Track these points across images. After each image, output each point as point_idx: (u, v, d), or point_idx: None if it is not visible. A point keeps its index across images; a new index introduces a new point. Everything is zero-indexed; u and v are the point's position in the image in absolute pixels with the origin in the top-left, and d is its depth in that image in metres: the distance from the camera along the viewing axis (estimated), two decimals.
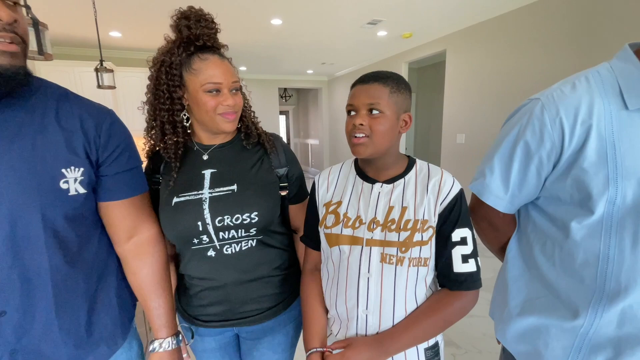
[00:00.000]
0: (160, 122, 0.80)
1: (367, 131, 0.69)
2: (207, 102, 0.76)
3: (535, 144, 0.62)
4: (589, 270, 0.60)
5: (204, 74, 0.76)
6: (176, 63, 0.76)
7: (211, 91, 0.76)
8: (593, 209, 0.58)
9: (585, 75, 0.61)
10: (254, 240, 0.83)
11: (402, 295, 0.71)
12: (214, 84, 0.76)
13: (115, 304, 0.74)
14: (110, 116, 0.70)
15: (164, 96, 0.77)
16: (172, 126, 0.80)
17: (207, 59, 0.77)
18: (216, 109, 0.77)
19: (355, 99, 0.71)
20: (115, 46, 4.23)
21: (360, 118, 0.69)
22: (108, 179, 0.69)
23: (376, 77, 0.71)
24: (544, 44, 2.83)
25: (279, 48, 4.53)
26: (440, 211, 0.71)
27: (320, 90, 7.28)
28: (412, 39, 4.20)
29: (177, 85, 0.77)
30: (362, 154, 0.71)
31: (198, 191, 0.81)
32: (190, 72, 0.76)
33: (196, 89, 0.76)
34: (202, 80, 0.76)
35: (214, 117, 0.78)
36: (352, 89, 0.73)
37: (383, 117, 0.69)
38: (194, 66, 0.76)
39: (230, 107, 0.79)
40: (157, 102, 0.79)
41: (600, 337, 0.61)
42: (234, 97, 0.80)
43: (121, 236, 0.73)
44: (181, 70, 0.77)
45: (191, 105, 0.80)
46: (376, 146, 0.70)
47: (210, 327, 0.87)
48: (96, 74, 2.55)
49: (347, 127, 0.73)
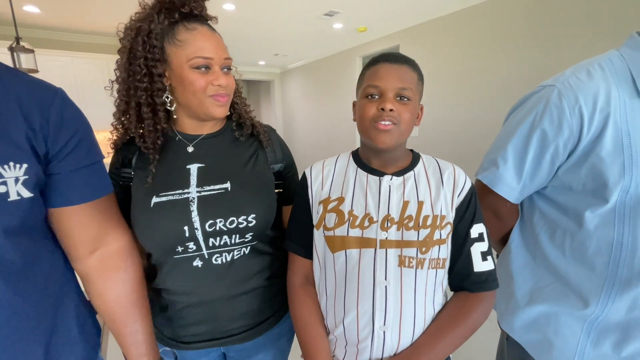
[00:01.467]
0: (136, 103, 0.66)
1: (396, 118, 0.62)
2: (195, 80, 0.63)
3: (553, 132, 0.61)
4: (601, 258, 0.61)
5: (191, 46, 0.63)
6: (156, 32, 0.61)
7: (200, 67, 0.64)
8: (608, 198, 0.58)
9: (598, 62, 0.61)
10: (247, 248, 0.73)
11: (422, 303, 0.64)
12: (204, 58, 0.63)
13: (76, 336, 0.59)
14: (60, 96, 0.53)
15: (141, 72, 0.63)
16: (151, 109, 0.66)
17: (195, 29, 0.64)
18: (206, 89, 0.65)
19: (382, 80, 0.62)
20: (33, 24, 3.60)
21: (390, 102, 0.61)
22: (62, 177, 0.53)
23: (405, 59, 0.63)
24: (495, 42, 3.01)
25: (230, 36, 4.26)
26: (457, 205, 0.66)
27: (273, 82, 7.06)
28: (367, 33, 4.24)
29: (157, 59, 0.63)
30: (388, 143, 0.63)
31: (183, 189, 0.67)
32: (174, 43, 0.63)
33: (181, 65, 0.63)
34: (190, 54, 0.63)
35: (203, 100, 0.65)
36: (374, 67, 0.64)
37: (411, 104, 0.63)
38: (178, 37, 0.63)
39: (222, 88, 0.66)
40: (131, 79, 0.64)
41: (609, 322, 0.62)
42: (226, 76, 0.68)
43: (81, 250, 0.58)
44: (162, 41, 0.63)
45: (174, 85, 0.66)
46: (401, 136, 0.64)
47: (193, 348, 0.75)
48: (11, 54, 2.13)
49: (366, 111, 0.63)
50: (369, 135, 0.64)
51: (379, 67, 0.64)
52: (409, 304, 0.63)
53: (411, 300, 0.63)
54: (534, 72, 2.73)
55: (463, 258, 0.66)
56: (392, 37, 4.13)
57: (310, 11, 3.39)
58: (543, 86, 0.65)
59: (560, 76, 0.63)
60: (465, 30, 3.27)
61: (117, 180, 0.71)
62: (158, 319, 0.76)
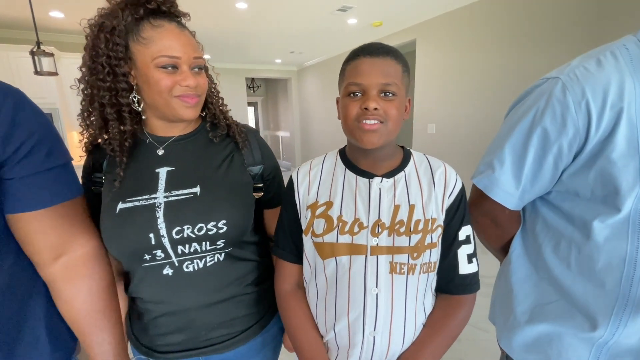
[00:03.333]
0: (100, 104, 0.64)
1: (381, 117, 0.57)
2: (160, 80, 0.60)
3: (556, 131, 0.54)
4: (612, 274, 0.53)
5: (156, 44, 0.60)
6: (120, 29, 0.59)
7: (166, 67, 0.61)
8: (620, 206, 0.50)
9: (610, 50, 0.53)
10: (221, 254, 0.69)
11: (413, 308, 0.62)
12: (170, 57, 0.60)
13: (44, 340, 0.58)
14: (13, 97, 0.51)
15: (104, 71, 0.61)
16: (115, 110, 0.64)
17: (161, 26, 0.61)
18: (172, 89, 0.62)
19: (364, 76, 0.57)
20: (57, 29, 3.76)
21: (373, 101, 0.56)
22: (15, 183, 0.52)
23: (387, 50, 0.58)
24: (522, 34, 2.81)
25: (245, 35, 4.27)
26: (448, 207, 0.62)
27: (290, 80, 7.05)
28: (382, 28, 4.13)
29: (121, 57, 0.60)
30: (374, 144, 0.58)
31: (150, 194, 0.65)
32: (139, 41, 0.60)
33: (146, 64, 0.60)
34: (154, 53, 0.60)
35: (169, 100, 0.62)
36: (354, 62, 0.59)
37: (397, 100, 0.58)
38: (143, 34, 0.60)
39: (191, 89, 0.63)
40: (94, 78, 0.62)
41: (621, 347, 0.55)
42: (195, 76, 0.64)
43: (44, 257, 0.57)
44: (127, 38, 0.60)
45: (140, 84, 0.63)
46: (389, 134, 0.59)
47: (171, 358, 0.72)
48: (32, 57, 2.22)
49: (349, 110, 0.59)
50: (354, 136, 0.60)
51: (359, 62, 0.58)
52: (400, 309, 0.62)
53: (402, 306, 0.62)
54: None
55: (449, 260, 0.64)
56: (409, 31, 4.00)
57: (324, 7, 3.32)
58: (546, 78, 0.57)
59: (565, 67, 0.56)
60: (488, 22, 3.07)
61: (89, 185, 0.69)
62: (135, 327, 0.75)
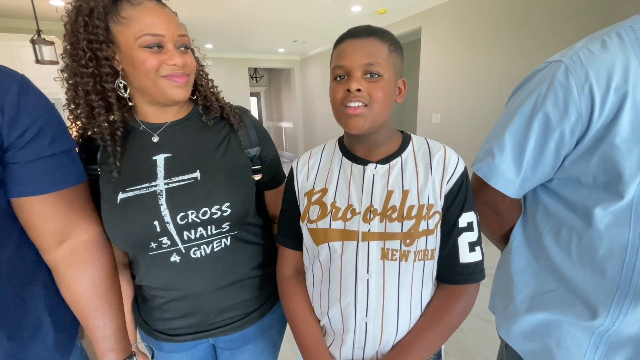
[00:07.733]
0: (85, 91, 0.62)
1: (365, 99, 0.56)
2: (146, 59, 0.58)
3: (558, 115, 0.52)
4: (614, 262, 0.52)
5: (137, 23, 0.58)
6: (98, 11, 0.57)
7: (151, 46, 0.59)
8: (623, 193, 0.49)
9: (616, 31, 0.50)
10: (227, 238, 0.70)
11: (407, 296, 0.61)
12: (154, 35, 0.58)
13: (47, 323, 0.59)
14: (18, 83, 0.51)
15: (85, 56, 0.59)
16: (101, 97, 0.62)
17: (141, 4, 0.59)
18: (159, 69, 0.60)
19: (346, 58, 0.56)
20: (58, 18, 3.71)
21: (355, 82, 0.55)
22: (20, 167, 0.52)
23: (371, 31, 0.57)
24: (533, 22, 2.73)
25: (247, 24, 4.22)
26: (447, 192, 0.61)
27: (293, 70, 6.98)
28: (387, 16, 4.04)
29: (102, 40, 0.58)
30: (359, 128, 0.57)
31: (150, 182, 0.65)
32: (119, 22, 0.58)
33: (130, 45, 0.59)
34: (136, 32, 0.58)
35: (157, 81, 0.61)
36: (340, 46, 0.59)
37: (383, 81, 0.56)
38: (122, 14, 0.58)
39: (179, 68, 0.61)
40: (76, 65, 0.60)
41: (621, 336, 0.54)
42: (183, 55, 0.63)
43: (48, 241, 0.57)
44: (107, 21, 0.58)
45: (126, 68, 0.61)
46: (375, 118, 0.58)
47: (181, 341, 0.73)
48: (33, 46, 2.21)
49: (334, 94, 0.59)
50: (340, 121, 0.59)
51: (344, 45, 0.58)
52: (392, 296, 0.61)
53: (394, 293, 0.61)
54: None
55: (449, 248, 0.62)
56: (415, 19, 3.92)
57: None
58: (549, 62, 0.56)
59: (569, 49, 0.54)
60: (495, 9, 2.98)
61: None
62: (144, 312, 0.76)
